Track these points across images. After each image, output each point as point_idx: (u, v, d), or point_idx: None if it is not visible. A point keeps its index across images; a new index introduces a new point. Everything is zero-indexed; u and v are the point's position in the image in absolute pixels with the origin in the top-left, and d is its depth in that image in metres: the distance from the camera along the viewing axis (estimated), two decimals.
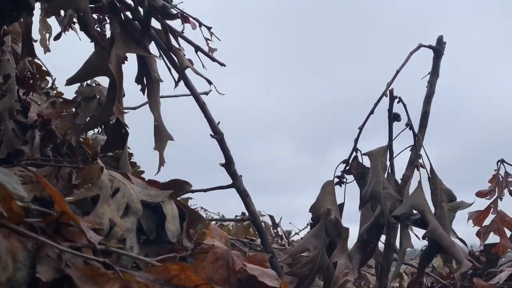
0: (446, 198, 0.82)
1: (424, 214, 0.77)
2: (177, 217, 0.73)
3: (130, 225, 0.68)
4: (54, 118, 1.28)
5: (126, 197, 0.70)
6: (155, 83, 0.96)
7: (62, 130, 1.30)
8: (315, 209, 0.95)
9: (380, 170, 0.87)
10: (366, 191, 0.86)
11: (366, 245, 0.86)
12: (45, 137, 1.19)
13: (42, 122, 1.20)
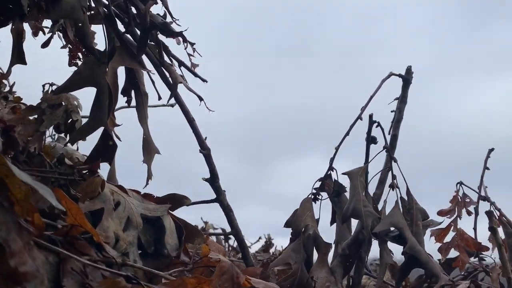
0: (420, 216, 0.89)
1: (402, 231, 0.84)
2: (175, 231, 0.74)
3: (131, 238, 0.68)
4: (16, 124, 1.24)
5: (127, 211, 0.70)
6: (144, 96, 0.96)
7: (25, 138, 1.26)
8: (295, 224, 0.99)
9: (360, 189, 0.93)
10: (347, 209, 0.92)
11: (347, 259, 0.91)
12: (7, 144, 1.15)
13: (3, 128, 1.15)
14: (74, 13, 0.78)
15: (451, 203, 1.13)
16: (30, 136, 1.26)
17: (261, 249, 2.53)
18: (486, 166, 1.16)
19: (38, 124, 1.34)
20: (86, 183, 0.69)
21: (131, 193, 0.76)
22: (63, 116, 1.56)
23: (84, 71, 0.87)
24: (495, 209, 1.08)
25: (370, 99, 1.12)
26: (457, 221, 1.09)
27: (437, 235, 1.07)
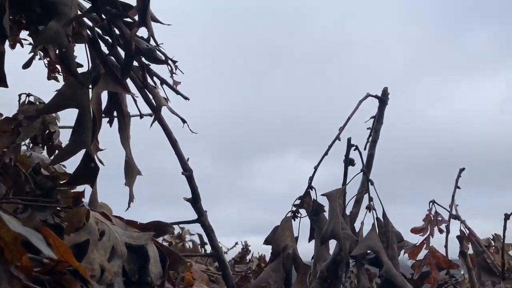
0: (396, 239, 0.93)
1: (379, 254, 0.87)
2: (158, 259, 0.75)
3: (116, 268, 0.69)
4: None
5: (112, 240, 0.71)
6: (126, 118, 0.96)
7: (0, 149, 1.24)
8: (275, 244, 1.02)
9: (338, 211, 0.96)
10: (326, 230, 0.94)
11: (325, 281, 0.94)
12: None
13: None
14: (58, 39, 0.78)
15: (424, 221, 1.17)
16: (6, 147, 1.24)
17: (238, 256, 2.54)
18: (457, 185, 1.21)
19: (14, 136, 1.32)
20: (71, 213, 0.69)
21: (115, 221, 0.76)
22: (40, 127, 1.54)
23: (66, 92, 0.87)
24: (465, 227, 1.13)
25: (347, 120, 1.15)
26: (429, 239, 1.14)
27: (411, 252, 1.12)
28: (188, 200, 1.01)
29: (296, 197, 1.15)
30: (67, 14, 0.79)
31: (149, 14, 0.79)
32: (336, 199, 0.98)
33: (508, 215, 1.02)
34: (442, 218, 1.18)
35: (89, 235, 0.67)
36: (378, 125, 1.21)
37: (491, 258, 1.06)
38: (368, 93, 1.22)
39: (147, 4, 0.80)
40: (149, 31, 0.80)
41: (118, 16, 0.86)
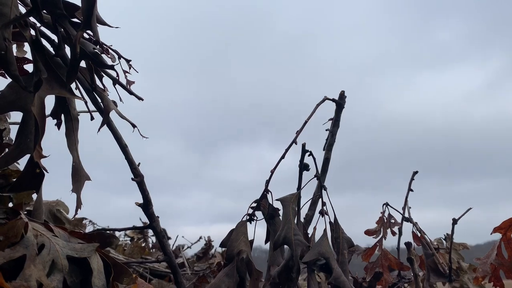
0: (346, 245, 0.94)
1: (329, 261, 0.88)
2: (102, 271, 0.73)
3: (56, 283, 0.67)
4: None
5: (52, 254, 0.68)
6: (74, 121, 0.93)
7: None
8: (229, 249, 1.01)
9: (291, 217, 0.96)
10: (279, 236, 0.94)
11: (277, 286, 0.94)
12: None
13: None
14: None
15: (377, 224, 1.19)
16: None
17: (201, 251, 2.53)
18: (410, 188, 1.23)
19: None
20: (7, 226, 0.66)
21: (57, 232, 0.74)
22: None
23: (9, 95, 0.83)
24: (417, 230, 1.16)
25: (304, 124, 1.15)
26: (382, 241, 1.16)
27: (364, 254, 1.13)
28: (140, 206, 0.99)
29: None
30: (6, 15, 0.75)
31: (94, 16, 0.76)
32: (290, 204, 0.98)
33: (456, 220, 1.05)
34: (395, 221, 1.20)
35: (26, 249, 0.64)
36: (334, 128, 1.22)
37: (439, 259, 1.09)
38: (325, 96, 1.22)
39: (92, 6, 0.77)
40: (95, 35, 0.77)
41: (63, 17, 0.83)
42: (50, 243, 0.69)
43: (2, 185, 1.23)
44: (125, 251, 2.02)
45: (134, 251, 2.02)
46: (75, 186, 0.90)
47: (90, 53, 0.82)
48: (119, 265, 0.75)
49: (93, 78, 0.89)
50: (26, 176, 0.89)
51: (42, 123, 0.81)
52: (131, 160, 0.94)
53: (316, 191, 1.16)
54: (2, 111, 0.89)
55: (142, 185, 0.95)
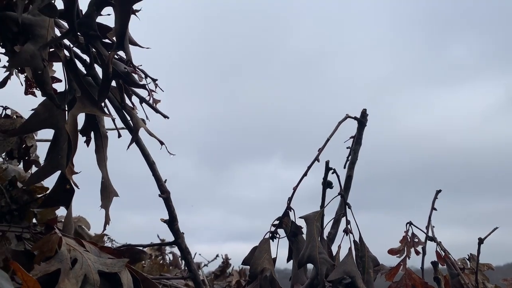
0: (372, 264, 0.93)
1: (355, 280, 0.87)
2: (132, 286, 0.74)
3: None
4: None
5: (84, 268, 0.70)
6: (104, 139, 0.95)
7: None
8: (252, 267, 1.01)
9: (316, 235, 0.96)
10: (303, 255, 0.94)
11: None
12: None
13: None
14: (33, 62, 0.77)
15: (401, 243, 1.18)
16: None
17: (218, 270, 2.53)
18: (433, 207, 1.22)
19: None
20: (42, 241, 0.68)
21: (88, 247, 0.75)
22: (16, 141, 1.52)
23: (42, 113, 0.86)
24: (441, 249, 1.15)
25: (326, 141, 1.16)
26: (406, 260, 1.15)
27: (387, 274, 1.12)
28: (165, 222, 1.00)
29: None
30: (44, 36, 0.79)
31: (127, 37, 0.79)
32: (313, 222, 0.98)
33: (482, 240, 1.03)
34: (419, 240, 1.19)
35: (61, 264, 0.66)
36: (356, 146, 1.22)
37: (464, 280, 1.08)
38: (347, 114, 1.23)
39: (125, 27, 0.79)
40: (127, 55, 0.79)
41: (96, 38, 0.86)
42: (83, 258, 0.71)
43: (27, 201, 1.26)
44: (144, 268, 2.03)
45: (153, 268, 2.02)
46: (104, 202, 0.92)
47: (122, 72, 0.84)
48: (148, 281, 0.76)
49: (123, 96, 0.92)
50: (57, 192, 0.91)
51: (75, 140, 0.83)
52: (158, 177, 0.95)
53: (338, 210, 1.16)
54: (35, 128, 0.92)
55: (169, 201, 0.96)
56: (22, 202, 1.24)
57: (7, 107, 1.50)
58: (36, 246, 0.68)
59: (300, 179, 1.14)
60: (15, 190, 1.29)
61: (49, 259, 0.67)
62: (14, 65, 0.77)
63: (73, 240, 0.74)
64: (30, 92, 1.33)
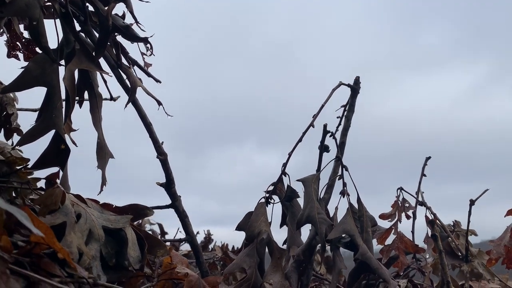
0: (370, 224, 0.95)
1: (354, 238, 0.88)
2: (136, 243, 0.73)
3: (94, 252, 0.66)
4: None
5: (88, 223, 0.68)
6: (98, 98, 0.92)
7: None
8: (249, 229, 1.01)
9: (314, 196, 0.97)
10: (302, 215, 0.95)
11: (301, 264, 0.95)
12: None
13: None
14: (29, 11, 0.73)
15: (392, 208, 1.21)
16: None
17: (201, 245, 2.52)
18: (423, 173, 1.25)
19: None
20: (45, 194, 0.66)
21: (90, 203, 0.73)
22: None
23: (34, 70, 0.82)
24: (431, 213, 1.18)
25: (321, 108, 1.16)
26: (397, 224, 1.17)
27: (379, 237, 1.15)
28: (161, 185, 0.98)
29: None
30: None
31: None
32: (311, 184, 0.99)
33: (473, 201, 1.06)
34: (409, 205, 1.21)
35: (66, 217, 0.64)
36: (349, 113, 1.22)
37: (455, 242, 1.11)
38: (340, 81, 1.23)
39: None
40: (128, 7, 0.76)
41: None
42: (86, 213, 0.69)
43: (6, 172, 1.22)
44: None
45: None
46: (100, 163, 0.90)
47: (121, 26, 0.81)
48: (152, 238, 0.75)
49: (119, 54, 0.89)
50: (50, 153, 0.88)
51: (73, 96, 0.80)
52: (155, 138, 0.94)
53: (332, 175, 1.16)
54: (27, 86, 0.88)
55: (166, 163, 0.95)
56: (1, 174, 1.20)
57: None
58: (40, 200, 0.65)
59: (295, 145, 1.14)
60: None
61: (53, 212, 0.65)
62: (8, 14, 0.74)
63: (75, 196, 0.72)
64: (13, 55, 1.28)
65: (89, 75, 0.92)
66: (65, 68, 0.78)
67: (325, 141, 1.09)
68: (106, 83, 0.99)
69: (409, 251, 1.15)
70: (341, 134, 1.22)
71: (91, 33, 0.87)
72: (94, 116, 0.91)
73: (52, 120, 0.85)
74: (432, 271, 1.27)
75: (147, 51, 1.24)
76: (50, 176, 0.71)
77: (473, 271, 1.21)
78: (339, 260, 0.91)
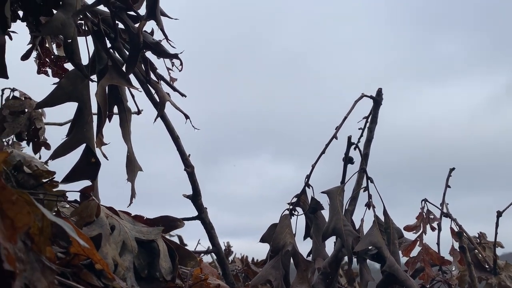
0: (397, 235, 0.94)
1: (381, 250, 0.88)
2: (167, 254, 0.74)
3: (128, 263, 0.68)
4: None
5: (122, 235, 0.70)
6: (128, 112, 0.95)
7: None
8: (275, 241, 1.02)
9: (339, 208, 0.97)
10: (327, 227, 0.95)
11: (327, 277, 0.95)
12: None
13: None
14: (64, 30, 0.76)
15: (417, 219, 1.20)
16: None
17: None
18: (447, 184, 1.24)
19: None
20: (81, 207, 0.68)
21: (122, 215, 0.75)
22: (25, 123, 1.50)
23: (66, 86, 0.85)
24: (456, 225, 1.17)
25: (343, 120, 1.17)
26: (422, 236, 1.16)
27: (404, 249, 1.14)
28: (188, 197, 1.00)
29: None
30: (73, 5, 0.78)
31: (158, 6, 0.78)
32: (336, 196, 0.99)
33: (500, 212, 1.05)
34: (434, 216, 1.21)
35: (101, 229, 0.66)
36: (372, 124, 1.23)
37: (482, 254, 1.10)
38: (363, 93, 1.24)
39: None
40: (159, 24, 0.79)
41: (123, 9, 0.85)
42: (119, 225, 0.70)
43: (33, 185, 1.24)
44: None
45: None
46: (129, 176, 0.92)
47: (151, 43, 0.84)
48: (182, 249, 0.77)
49: (148, 70, 0.91)
50: (81, 166, 0.90)
51: (104, 111, 0.83)
52: (182, 151, 0.95)
53: (355, 187, 1.16)
54: (59, 101, 0.91)
55: (193, 175, 0.96)
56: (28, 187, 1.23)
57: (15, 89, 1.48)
58: (76, 212, 0.67)
59: (319, 157, 1.15)
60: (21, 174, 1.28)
61: (88, 224, 0.66)
62: (46, 33, 0.77)
63: (107, 208, 0.74)
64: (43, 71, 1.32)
65: (119, 90, 0.94)
66: (97, 84, 0.80)
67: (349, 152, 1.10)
68: (134, 98, 1.01)
69: (435, 263, 1.14)
70: (364, 146, 1.22)
71: (121, 49, 0.90)
72: (124, 130, 0.93)
73: (83, 134, 0.88)
74: (458, 284, 1.26)
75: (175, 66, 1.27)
76: (85, 189, 0.73)
77: (500, 284, 1.19)
78: (366, 272, 0.91)
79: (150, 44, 0.84)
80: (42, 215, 0.42)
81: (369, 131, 1.22)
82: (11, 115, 1.43)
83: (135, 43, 0.81)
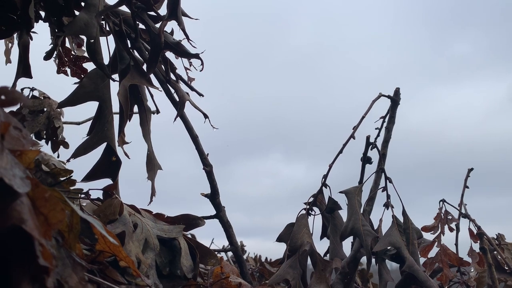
0: (416, 236, 0.94)
1: (400, 250, 0.88)
2: (188, 252, 0.75)
3: (150, 261, 0.68)
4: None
5: (144, 233, 0.70)
6: (148, 112, 0.96)
7: None
8: (292, 241, 1.02)
9: (357, 208, 0.97)
10: (346, 227, 0.95)
11: (346, 276, 0.95)
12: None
13: None
14: (87, 30, 0.77)
15: (435, 220, 1.19)
16: None
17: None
18: (466, 185, 1.23)
19: None
20: (104, 204, 0.69)
21: (144, 214, 0.76)
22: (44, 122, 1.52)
23: (88, 85, 0.86)
24: (475, 226, 1.16)
25: (361, 119, 1.17)
26: (440, 237, 1.16)
27: (422, 250, 1.13)
28: (206, 196, 1.00)
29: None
30: (96, 5, 0.79)
31: (180, 6, 0.79)
32: (355, 196, 0.99)
33: None
34: (452, 217, 1.20)
35: (125, 227, 0.66)
36: (390, 124, 1.22)
37: (502, 255, 1.08)
38: (380, 93, 1.23)
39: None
40: (180, 24, 0.79)
41: (143, 10, 0.86)
42: (142, 223, 0.71)
43: (51, 183, 1.26)
44: None
45: None
46: (149, 174, 0.92)
47: (172, 43, 0.84)
48: (203, 247, 0.77)
49: (168, 70, 0.92)
50: (102, 165, 0.91)
51: (126, 110, 0.84)
52: (201, 150, 0.96)
53: (373, 187, 1.16)
54: (81, 101, 0.92)
55: (211, 174, 0.97)
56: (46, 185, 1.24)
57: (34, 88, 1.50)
58: (99, 209, 0.68)
59: (336, 157, 1.14)
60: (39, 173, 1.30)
61: (112, 222, 0.67)
62: (69, 33, 0.78)
63: (129, 207, 0.75)
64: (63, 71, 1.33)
65: (139, 90, 0.95)
66: (119, 83, 0.81)
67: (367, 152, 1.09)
68: (153, 97, 1.02)
69: (453, 264, 1.13)
70: (381, 146, 1.21)
71: (141, 49, 0.91)
72: (144, 129, 0.94)
73: (104, 133, 0.89)
74: (476, 285, 1.24)
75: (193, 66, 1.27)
76: (108, 187, 0.74)
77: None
78: (385, 272, 0.91)
79: (171, 44, 0.84)
80: (72, 211, 0.42)
81: (387, 131, 1.22)
82: (30, 114, 1.46)
83: (156, 43, 0.82)
